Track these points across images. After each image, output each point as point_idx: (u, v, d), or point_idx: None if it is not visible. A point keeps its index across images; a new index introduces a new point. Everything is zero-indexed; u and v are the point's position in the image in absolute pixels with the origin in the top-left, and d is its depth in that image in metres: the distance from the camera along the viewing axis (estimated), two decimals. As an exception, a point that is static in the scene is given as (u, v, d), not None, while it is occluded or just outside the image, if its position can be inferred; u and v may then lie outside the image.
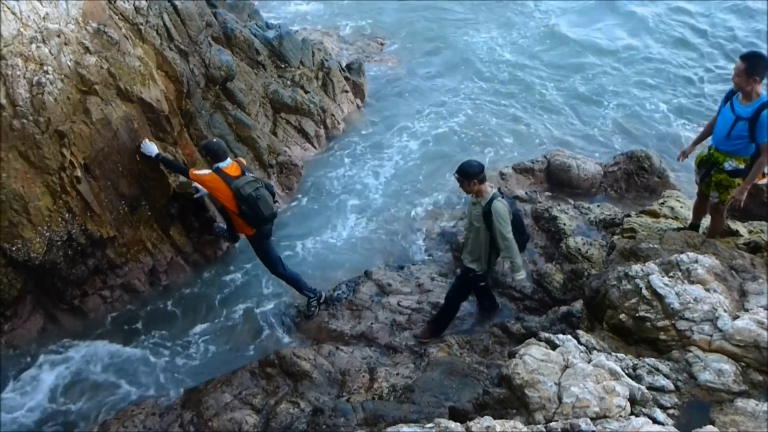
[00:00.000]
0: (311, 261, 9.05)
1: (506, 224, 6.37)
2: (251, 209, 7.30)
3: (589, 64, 14.93)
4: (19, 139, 6.62)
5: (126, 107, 7.57)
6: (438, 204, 10.31)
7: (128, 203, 7.80)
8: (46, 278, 7.28)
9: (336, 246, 9.38)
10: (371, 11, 16.70)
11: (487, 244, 6.65)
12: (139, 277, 8.13)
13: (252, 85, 10.47)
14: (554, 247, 8.64)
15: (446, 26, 16.29)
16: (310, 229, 9.55)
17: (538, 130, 12.33)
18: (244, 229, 7.71)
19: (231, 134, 9.41)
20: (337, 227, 9.68)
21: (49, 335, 7.60)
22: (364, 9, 16.82)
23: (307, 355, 6.80)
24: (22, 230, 6.79)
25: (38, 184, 6.86)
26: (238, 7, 12.29)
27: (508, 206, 6.46)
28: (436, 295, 8.05)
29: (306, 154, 10.98)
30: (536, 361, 4.09)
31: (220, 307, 8.29)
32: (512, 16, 17.13)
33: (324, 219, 9.80)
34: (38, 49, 6.70)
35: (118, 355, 7.58)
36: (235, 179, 7.25)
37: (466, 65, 14.51)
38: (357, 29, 15.88)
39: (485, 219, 6.46)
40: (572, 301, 7.51)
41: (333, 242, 9.43)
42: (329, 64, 12.24)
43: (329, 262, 9.09)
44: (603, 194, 10.44)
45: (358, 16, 16.49)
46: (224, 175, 7.24)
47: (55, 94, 6.83)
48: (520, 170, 10.85)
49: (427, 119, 12.44)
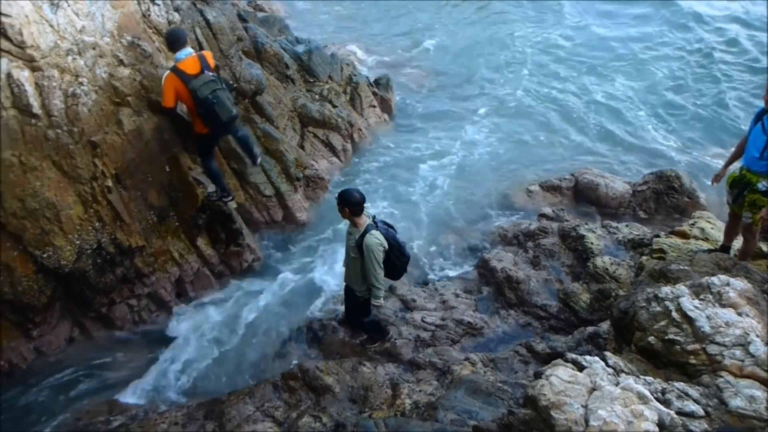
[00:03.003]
0: (337, 272, 9.05)
1: (376, 259, 6.35)
2: (207, 112, 7.26)
3: (619, 73, 14.83)
4: (54, 149, 6.74)
5: (157, 119, 7.69)
6: (463, 220, 10.27)
7: (157, 213, 7.89)
8: (75, 286, 7.36)
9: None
10: (391, 18, 16.80)
11: (361, 272, 6.63)
12: (166, 287, 8.19)
13: (281, 99, 10.56)
14: (581, 267, 8.55)
15: (477, 36, 16.33)
16: (335, 247, 9.54)
17: (567, 146, 12.25)
18: (199, 127, 7.62)
19: (259, 147, 9.48)
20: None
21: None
22: (383, 15, 16.94)
23: (330, 369, 6.79)
24: (53, 238, 6.89)
25: (70, 193, 6.97)
26: (269, 21, 12.43)
27: (382, 236, 6.39)
28: (460, 311, 8.00)
29: (332, 168, 11.02)
30: (563, 383, 4.03)
31: (244, 319, 8.32)
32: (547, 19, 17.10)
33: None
34: (74, 61, 6.83)
35: (141, 363, 7.67)
36: (193, 78, 7.11)
37: (496, 74, 14.49)
38: (382, 39, 15.98)
39: (359, 251, 6.44)
40: (599, 321, 7.41)
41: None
42: (357, 79, 12.31)
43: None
44: (631, 214, 10.33)
45: (383, 23, 16.60)
46: (181, 73, 7.12)
47: (89, 105, 6.95)
48: (548, 188, 10.79)
49: (454, 133, 12.42)
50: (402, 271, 6.88)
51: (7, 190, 6.51)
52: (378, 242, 6.32)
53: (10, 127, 6.45)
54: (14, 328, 7.16)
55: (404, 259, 6.73)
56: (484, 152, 11.95)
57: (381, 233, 6.39)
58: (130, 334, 7.98)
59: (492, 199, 10.79)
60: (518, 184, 10.99)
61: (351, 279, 6.91)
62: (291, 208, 9.66)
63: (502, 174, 11.42)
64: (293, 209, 9.68)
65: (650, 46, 16.07)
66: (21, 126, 6.53)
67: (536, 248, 9.05)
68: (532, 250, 9.04)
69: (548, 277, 8.55)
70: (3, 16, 6.24)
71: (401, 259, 6.67)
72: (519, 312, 8.16)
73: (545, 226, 9.36)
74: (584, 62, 15.39)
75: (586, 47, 16.09)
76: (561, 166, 11.68)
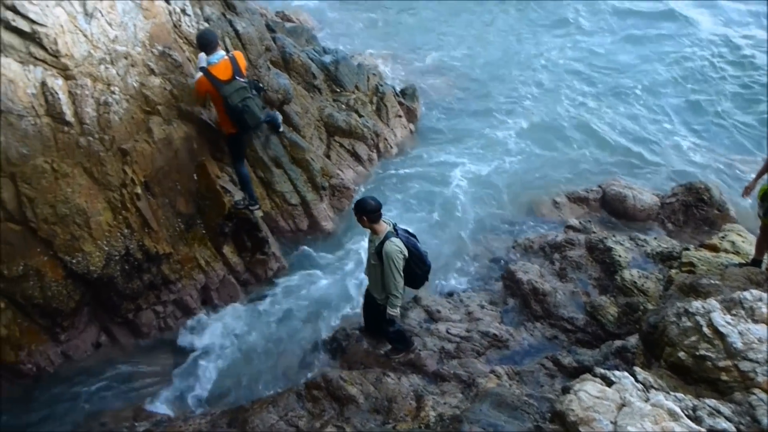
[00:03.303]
0: (362, 281, 9.05)
1: (395, 266, 6.32)
2: (237, 119, 7.53)
3: (648, 82, 14.70)
4: (85, 156, 6.85)
5: (187, 128, 7.78)
6: (488, 230, 10.22)
7: (184, 221, 7.97)
8: (103, 291, 7.45)
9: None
10: (421, 28, 16.82)
11: (382, 280, 6.60)
12: (191, 294, 8.25)
13: (308, 109, 10.62)
14: (608, 279, 8.44)
15: (500, 43, 16.29)
16: (359, 256, 9.54)
17: (594, 158, 12.14)
18: (228, 128, 7.84)
19: (286, 156, 9.54)
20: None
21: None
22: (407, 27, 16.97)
23: (354, 379, 6.77)
24: (83, 244, 6.99)
25: (100, 199, 7.07)
26: (297, 32, 12.52)
27: (402, 243, 6.37)
28: (485, 323, 7.95)
29: (358, 177, 11.04)
30: (591, 398, 3.98)
31: (268, 327, 8.34)
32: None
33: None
34: (106, 70, 6.94)
35: (166, 370, 7.72)
36: (225, 85, 7.31)
37: (523, 82, 14.43)
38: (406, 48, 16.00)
39: (379, 258, 6.42)
40: (627, 335, 7.31)
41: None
42: (383, 89, 12.34)
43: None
44: (660, 226, 10.19)
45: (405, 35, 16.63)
46: (213, 78, 7.31)
47: (120, 114, 7.05)
48: (574, 199, 10.70)
49: (480, 144, 12.38)
50: (422, 280, 6.84)
51: (39, 196, 6.63)
52: (397, 249, 6.31)
53: (44, 134, 6.58)
54: (43, 332, 7.28)
55: (425, 268, 6.69)
56: (509, 163, 11.88)
57: (401, 240, 6.38)
58: (155, 341, 8.05)
59: (517, 210, 10.72)
60: (544, 195, 10.90)
61: (372, 287, 6.91)
62: (316, 217, 9.69)
63: (528, 185, 11.34)
64: (318, 218, 9.71)
65: (677, 59, 15.91)
66: (54, 133, 6.66)
67: (563, 260, 8.96)
68: (558, 262, 8.96)
69: (575, 289, 8.45)
70: (38, 26, 6.37)
71: (422, 268, 6.64)
72: (545, 324, 8.07)
73: (572, 238, 9.26)
74: (613, 74, 15.28)
75: (616, 60, 15.96)
76: (588, 178, 11.57)
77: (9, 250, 6.69)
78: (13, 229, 6.68)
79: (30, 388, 7.33)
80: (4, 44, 6.36)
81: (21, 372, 7.19)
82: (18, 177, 6.55)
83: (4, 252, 6.67)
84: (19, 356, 7.11)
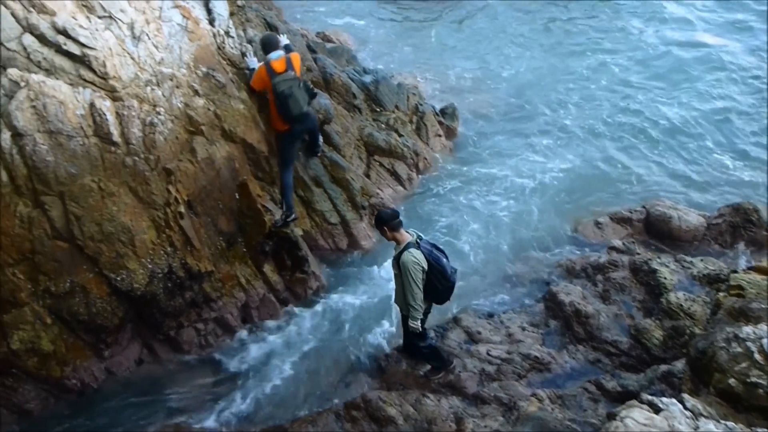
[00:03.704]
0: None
1: (412, 277, 6.33)
2: (282, 106, 8.11)
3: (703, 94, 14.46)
4: (130, 175, 6.99)
5: (229, 147, 7.89)
6: (529, 250, 10.09)
7: (226, 239, 8.05)
8: (146, 309, 7.56)
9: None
10: (463, 47, 16.83)
11: (402, 291, 6.60)
12: (232, 312, 8.31)
13: (348, 128, 10.69)
14: (653, 302, 8.25)
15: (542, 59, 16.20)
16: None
17: (638, 178, 11.91)
18: (278, 124, 8.48)
19: (326, 175, 9.60)
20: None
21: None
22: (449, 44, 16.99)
23: (394, 400, 6.73)
24: (127, 261, 7.11)
25: (144, 218, 7.20)
26: (337, 52, 12.65)
27: (422, 256, 6.37)
28: (527, 345, 7.83)
29: (397, 197, 11.04)
30: (638, 425, 3.88)
31: (307, 346, 8.34)
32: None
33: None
34: (152, 91, 7.10)
35: (207, 387, 7.77)
36: (278, 75, 8.03)
37: (562, 101, 14.29)
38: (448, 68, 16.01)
39: (398, 267, 6.44)
40: (672, 359, 7.11)
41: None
42: (423, 108, 12.36)
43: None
44: (706, 247, 9.93)
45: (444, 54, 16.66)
46: (270, 69, 8.05)
47: (165, 134, 7.19)
48: (617, 219, 10.50)
49: (520, 163, 12.28)
50: (445, 296, 6.83)
51: (86, 215, 6.79)
52: (414, 260, 6.29)
53: (91, 154, 6.74)
54: (87, 348, 7.41)
55: (447, 284, 6.65)
56: (551, 182, 11.74)
57: (422, 253, 6.36)
58: (196, 358, 8.11)
59: (559, 230, 10.58)
60: (586, 215, 10.73)
61: (397, 298, 6.95)
62: (356, 236, 9.71)
63: (569, 205, 11.18)
64: (358, 237, 9.72)
65: (727, 75, 15.59)
66: (101, 153, 6.82)
67: (606, 282, 8.79)
68: (601, 283, 8.79)
69: (618, 312, 8.28)
70: (88, 49, 6.56)
71: (443, 284, 6.59)
72: (588, 347, 7.91)
73: (615, 259, 9.09)
74: (654, 91, 15.04)
75: (663, 76, 15.70)
76: (631, 198, 11.36)
77: (56, 267, 6.85)
78: (60, 246, 6.85)
79: (74, 404, 7.46)
80: (56, 67, 6.57)
81: (66, 387, 7.32)
82: (66, 196, 6.72)
83: (51, 269, 6.83)
84: (64, 371, 7.24)
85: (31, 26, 6.52)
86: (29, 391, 7.14)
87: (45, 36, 6.55)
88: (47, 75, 6.57)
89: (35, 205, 6.71)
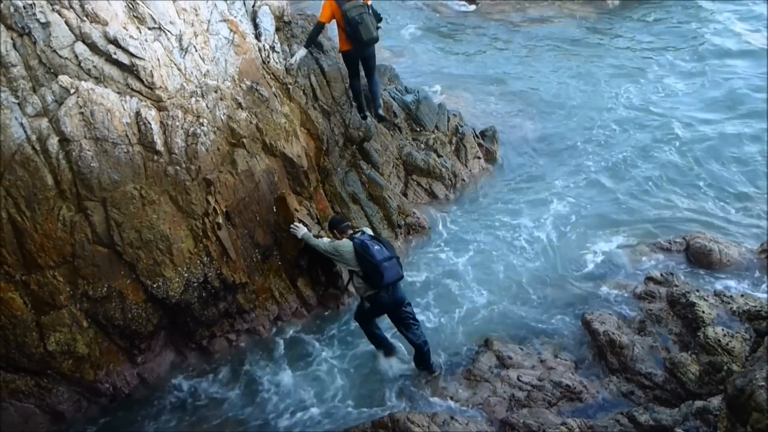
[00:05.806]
0: (432, 316, 8.97)
1: (329, 249, 7.50)
2: (352, 31, 8.67)
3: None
4: (171, 185, 7.10)
5: (269, 161, 7.97)
6: (563, 277, 9.93)
7: (261, 252, 8.11)
8: (180, 317, 7.64)
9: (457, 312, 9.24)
10: (508, 67, 16.79)
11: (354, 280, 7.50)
12: (264, 324, 8.35)
13: (387, 147, 10.72)
14: (690, 336, 8.04)
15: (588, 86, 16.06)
16: (431, 293, 9.43)
17: (677, 206, 11.67)
18: (344, 45, 9.12)
19: (363, 192, 9.63)
20: (458, 297, 9.52)
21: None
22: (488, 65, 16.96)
23: (422, 421, 6.65)
24: (164, 269, 7.21)
25: (183, 227, 7.29)
26: (380, 70, 12.72)
27: (351, 245, 7.24)
28: (558, 373, 7.68)
29: (434, 217, 11.00)
30: (672, 462, 3.75)
31: (336, 362, 8.32)
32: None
33: (444, 288, 9.64)
34: (197, 102, 7.23)
35: (236, 398, 7.80)
36: (347, 2, 8.58)
37: (604, 126, 14.12)
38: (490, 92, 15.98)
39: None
40: (708, 396, 6.90)
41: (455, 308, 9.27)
42: (463, 130, 12.34)
43: (449, 325, 8.96)
44: (747, 282, 9.67)
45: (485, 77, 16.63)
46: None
47: (207, 145, 7.30)
48: (656, 249, 10.30)
49: (558, 187, 12.15)
50: (376, 274, 7.11)
51: (127, 221, 6.90)
52: (329, 242, 7.64)
53: (135, 162, 6.87)
54: (121, 353, 7.50)
55: (374, 261, 7.07)
56: (587, 208, 11.57)
57: (352, 242, 7.23)
58: (227, 369, 8.15)
59: (594, 258, 10.40)
60: (623, 243, 10.54)
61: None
62: (391, 255, 9.68)
63: (606, 232, 10.99)
64: (393, 256, 9.70)
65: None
66: (144, 161, 6.95)
67: (642, 312, 8.62)
68: (637, 314, 8.62)
69: (654, 344, 8.08)
70: (137, 59, 6.71)
71: (370, 262, 7.09)
72: (621, 379, 7.74)
73: (652, 290, 8.90)
74: (697, 124, 14.78)
75: (701, 104, 15.44)
76: (670, 227, 11.13)
77: (95, 271, 6.97)
78: (100, 251, 6.97)
79: (105, 409, 7.54)
80: (105, 75, 6.73)
81: (98, 391, 7.41)
82: (108, 202, 6.85)
83: (90, 273, 6.95)
84: (98, 375, 7.33)
85: (83, 35, 6.69)
86: (63, 393, 7.24)
87: (96, 45, 6.72)
88: (96, 83, 6.74)
89: (78, 209, 6.85)
